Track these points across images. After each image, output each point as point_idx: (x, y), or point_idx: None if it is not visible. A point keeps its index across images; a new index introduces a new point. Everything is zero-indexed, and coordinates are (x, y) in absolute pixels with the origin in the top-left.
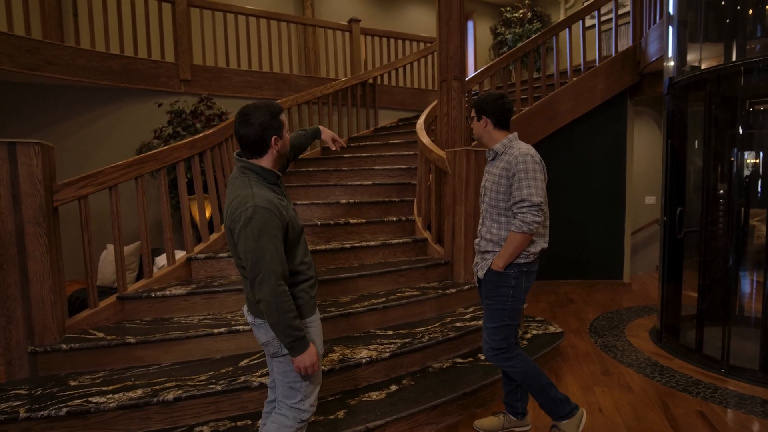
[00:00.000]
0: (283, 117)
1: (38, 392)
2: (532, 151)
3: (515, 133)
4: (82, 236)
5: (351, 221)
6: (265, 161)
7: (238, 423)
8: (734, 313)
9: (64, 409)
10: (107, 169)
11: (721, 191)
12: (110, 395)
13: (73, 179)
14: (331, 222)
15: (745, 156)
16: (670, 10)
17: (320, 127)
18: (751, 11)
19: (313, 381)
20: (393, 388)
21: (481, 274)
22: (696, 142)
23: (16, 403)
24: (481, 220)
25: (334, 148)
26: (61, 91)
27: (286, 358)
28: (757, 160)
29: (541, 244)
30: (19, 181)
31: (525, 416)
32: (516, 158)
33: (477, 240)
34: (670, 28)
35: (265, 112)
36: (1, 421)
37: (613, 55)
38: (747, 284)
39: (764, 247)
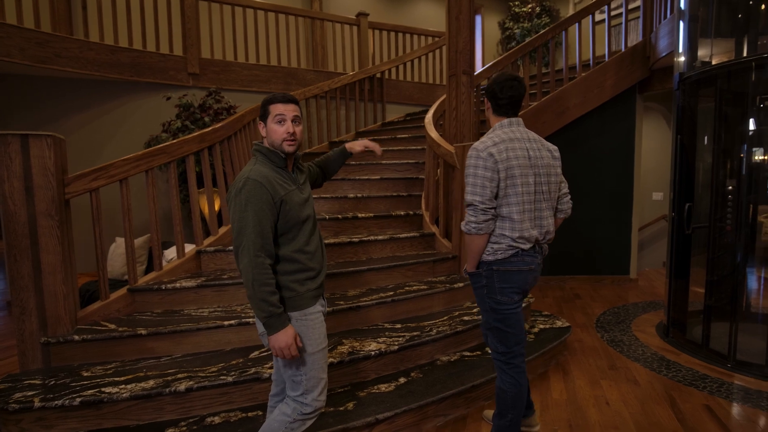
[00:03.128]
0: (273, 107)
1: (51, 382)
2: (484, 144)
3: (506, 120)
4: (93, 229)
5: (359, 215)
6: (266, 143)
7: (249, 414)
8: (741, 309)
9: (78, 399)
10: (118, 162)
11: (730, 187)
12: (123, 386)
13: (84, 172)
14: (339, 216)
15: (755, 152)
16: (681, 4)
17: (346, 145)
18: (763, 6)
19: (315, 374)
20: (402, 380)
21: (464, 273)
22: (705, 138)
23: (30, 393)
24: None
25: (379, 153)
26: (71, 84)
27: None
28: (765, 157)
29: (507, 240)
30: (32, 173)
31: (530, 408)
32: (469, 153)
33: None
34: (681, 23)
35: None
36: (15, 410)
37: (623, 50)
38: (754, 280)
39: None
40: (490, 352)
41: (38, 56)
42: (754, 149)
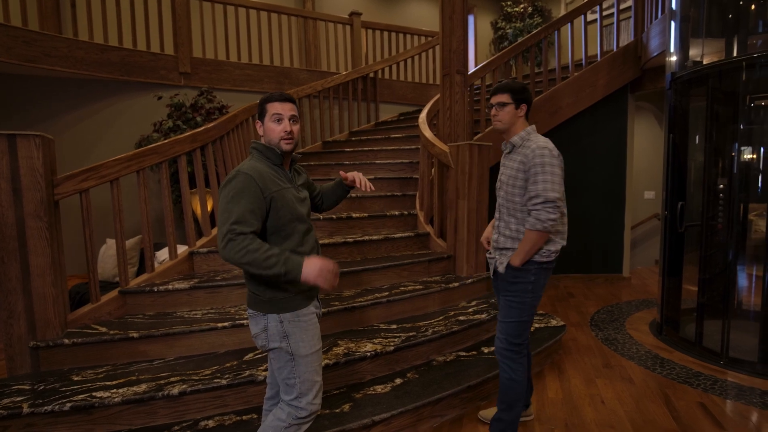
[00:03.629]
0: (270, 105)
1: (41, 387)
2: (550, 144)
3: (534, 126)
4: (83, 230)
5: (353, 215)
6: (264, 142)
7: (244, 417)
8: (734, 307)
9: (68, 404)
10: (109, 162)
11: (722, 186)
12: (114, 390)
13: (74, 172)
14: (334, 216)
15: (745, 151)
16: (673, 5)
17: (340, 174)
18: (753, 6)
19: (309, 377)
20: (398, 381)
21: (501, 269)
22: (697, 137)
23: (18, 399)
24: (497, 215)
25: (365, 189)
26: (60, 83)
27: (276, 352)
28: (755, 156)
29: (560, 242)
30: (19, 174)
31: (528, 407)
32: (533, 152)
33: (494, 235)
34: (672, 23)
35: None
36: (3, 416)
37: (615, 50)
38: (746, 278)
39: (763, 241)
40: (499, 348)
41: (26, 55)
42: (744, 148)
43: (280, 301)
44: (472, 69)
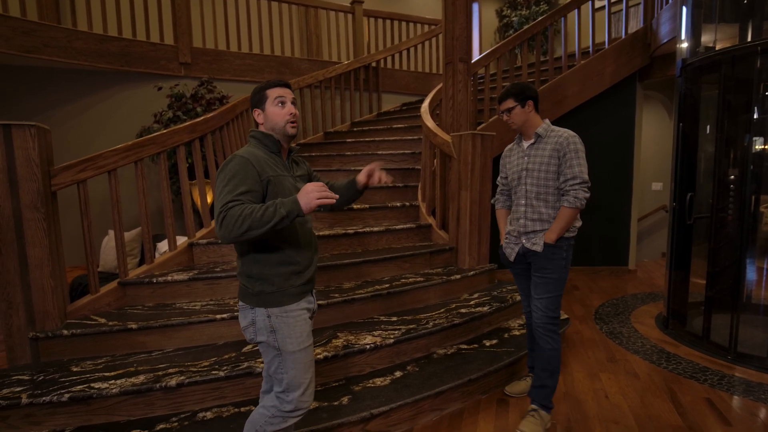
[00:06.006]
0: (271, 90)
1: (40, 378)
2: (575, 134)
3: (548, 119)
4: (81, 221)
5: (354, 206)
6: (264, 129)
7: (242, 409)
8: (743, 301)
9: (66, 395)
10: (106, 152)
11: (732, 177)
12: (113, 381)
13: (71, 163)
14: None
15: (758, 142)
16: None
17: (356, 178)
18: None
19: (297, 374)
20: (397, 374)
21: (539, 248)
22: (708, 126)
23: (18, 389)
24: (522, 201)
25: (383, 181)
26: (59, 74)
27: (263, 346)
28: (767, 146)
29: (580, 219)
30: (15, 165)
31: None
32: (567, 139)
33: (519, 220)
34: (684, 9)
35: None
36: (3, 406)
37: (623, 37)
38: (756, 271)
39: None
40: (540, 323)
41: (24, 45)
42: (757, 138)
43: (268, 296)
44: (476, 58)
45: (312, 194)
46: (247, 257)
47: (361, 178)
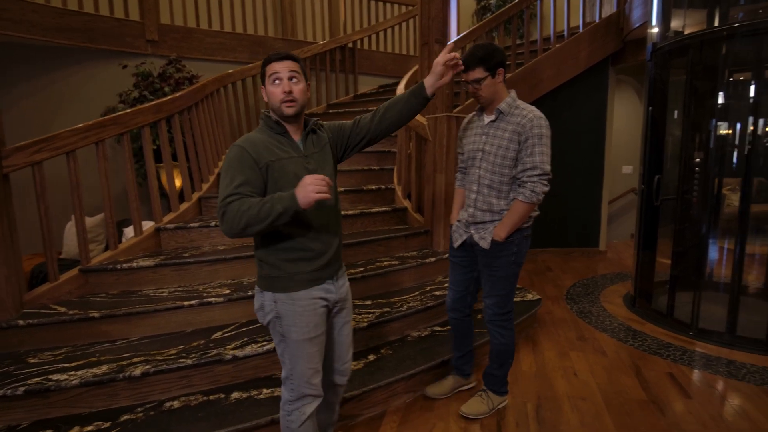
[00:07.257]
0: (268, 66)
1: None
2: (542, 114)
3: (514, 91)
4: (37, 205)
5: None
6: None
7: (211, 397)
8: (705, 279)
9: (21, 388)
10: (64, 132)
11: (698, 160)
12: (72, 372)
13: (25, 143)
14: None
15: (722, 126)
16: None
17: (424, 81)
18: None
19: (301, 363)
20: (371, 357)
21: (485, 244)
22: (676, 111)
23: None
24: (474, 188)
25: (455, 70)
26: (14, 49)
27: (271, 328)
28: (731, 131)
29: (537, 210)
30: None
31: (470, 375)
32: (531, 121)
33: (469, 209)
34: None
35: None
36: None
37: (597, 21)
38: (718, 251)
39: (736, 215)
40: (488, 318)
41: None
42: (721, 123)
43: (275, 280)
44: (453, 39)
45: (309, 188)
46: (256, 240)
47: (430, 81)
